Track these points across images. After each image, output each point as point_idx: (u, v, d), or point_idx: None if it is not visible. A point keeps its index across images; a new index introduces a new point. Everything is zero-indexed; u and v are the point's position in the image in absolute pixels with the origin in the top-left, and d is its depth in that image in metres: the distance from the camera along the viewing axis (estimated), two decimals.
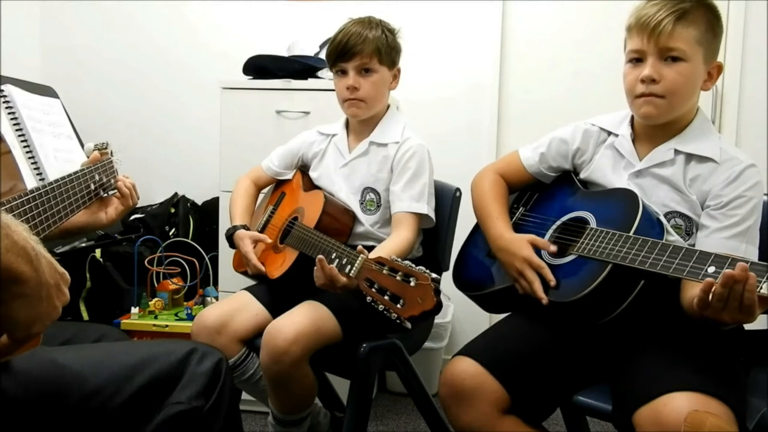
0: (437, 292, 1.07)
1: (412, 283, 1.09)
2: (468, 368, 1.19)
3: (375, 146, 1.63)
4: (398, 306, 1.09)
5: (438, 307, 1.07)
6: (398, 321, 1.10)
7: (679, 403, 0.98)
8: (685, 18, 1.16)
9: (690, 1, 1.17)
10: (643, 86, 1.20)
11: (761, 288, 0.92)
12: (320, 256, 1.28)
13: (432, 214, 1.58)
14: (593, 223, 1.24)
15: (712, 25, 1.19)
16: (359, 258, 1.21)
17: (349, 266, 1.23)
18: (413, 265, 1.11)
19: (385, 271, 1.14)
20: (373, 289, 1.14)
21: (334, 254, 1.29)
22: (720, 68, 1.23)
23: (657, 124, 1.26)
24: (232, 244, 1.65)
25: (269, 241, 1.61)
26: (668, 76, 1.18)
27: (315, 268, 1.31)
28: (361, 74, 1.56)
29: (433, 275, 1.08)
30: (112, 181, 1.34)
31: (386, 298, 1.11)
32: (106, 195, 1.32)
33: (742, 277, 0.92)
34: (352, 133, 1.69)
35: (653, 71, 1.18)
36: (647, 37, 1.18)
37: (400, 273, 1.12)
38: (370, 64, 1.55)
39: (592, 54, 2.38)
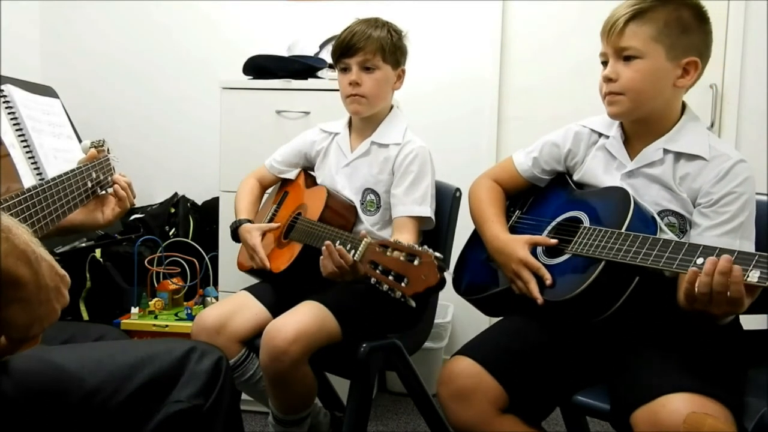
0: (441, 269, 1.08)
1: (415, 262, 1.09)
2: (467, 367, 1.19)
3: (376, 146, 1.63)
4: (402, 285, 1.09)
5: (442, 282, 1.08)
6: (402, 299, 1.10)
7: (677, 405, 0.98)
8: (638, 17, 1.19)
9: (651, 1, 1.19)
10: (606, 86, 1.24)
11: (748, 276, 0.93)
12: (327, 242, 1.29)
13: (433, 216, 1.58)
14: (586, 222, 1.24)
15: (679, 21, 1.19)
16: (363, 241, 1.22)
17: (353, 250, 1.24)
18: (416, 245, 1.12)
19: (388, 253, 1.15)
20: (377, 271, 1.15)
21: (338, 241, 1.30)
22: (697, 64, 1.21)
23: (642, 124, 1.27)
24: (236, 237, 1.65)
25: (276, 226, 1.62)
26: (624, 74, 1.21)
27: (321, 257, 1.31)
28: (363, 71, 1.57)
29: (436, 253, 1.09)
30: (109, 178, 1.34)
31: (390, 278, 1.12)
32: (103, 192, 1.32)
33: (726, 268, 0.93)
34: (354, 133, 1.69)
35: (610, 71, 1.23)
36: (606, 39, 1.25)
37: (403, 254, 1.12)
38: (373, 61, 1.56)
39: (592, 52, 2.37)
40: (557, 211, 1.34)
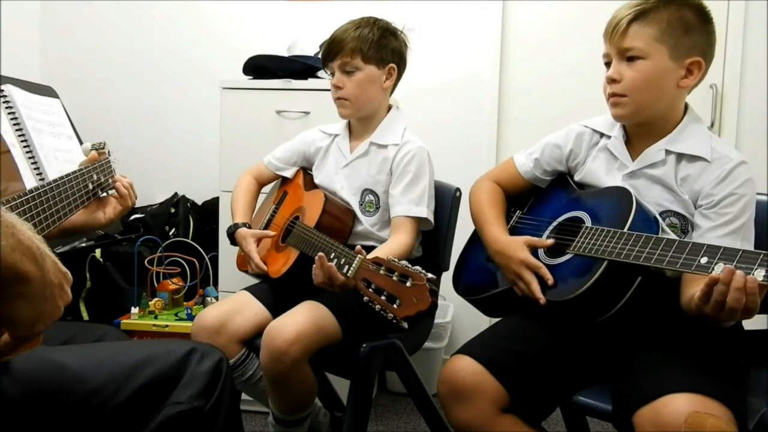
0: (433, 292, 1.08)
1: (408, 284, 1.09)
2: (467, 366, 1.19)
3: (375, 147, 1.63)
4: (394, 306, 1.09)
5: (433, 307, 1.08)
6: (395, 321, 1.10)
7: (679, 404, 0.98)
8: (641, 18, 1.19)
9: (654, 1, 1.19)
10: (609, 87, 1.24)
11: (753, 275, 0.92)
12: (320, 254, 1.29)
13: (431, 218, 1.58)
14: (588, 222, 1.24)
15: (682, 21, 1.19)
16: (357, 258, 1.22)
17: (346, 266, 1.24)
18: (409, 266, 1.12)
19: (381, 272, 1.15)
20: (370, 290, 1.15)
21: (333, 254, 1.30)
22: (700, 64, 1.21)
23: (645, 125, 1.27)
24: (233, 241, 1.65)
25: (272, 234, 1.62)
26: (627, 75, 1.21)
27: (314, 266, 1.31)
28: (344, 74, 1.57)
29: (429, 275, 1.09)
30: (110, 180, 1.35)
31: (383, 298, 1.12)
32: (104, 195, 1.33)
33: (740, 284, 0.92)
34: (354, 134, 1.69)
35: (614, 72, 1.23)
36: (609, 40, 1.24)
37: (396, 273, 1.12)
38: (351, 62, 1.56)
39: (592, 53, 2.37)
40: (558, 211, 1.34)
